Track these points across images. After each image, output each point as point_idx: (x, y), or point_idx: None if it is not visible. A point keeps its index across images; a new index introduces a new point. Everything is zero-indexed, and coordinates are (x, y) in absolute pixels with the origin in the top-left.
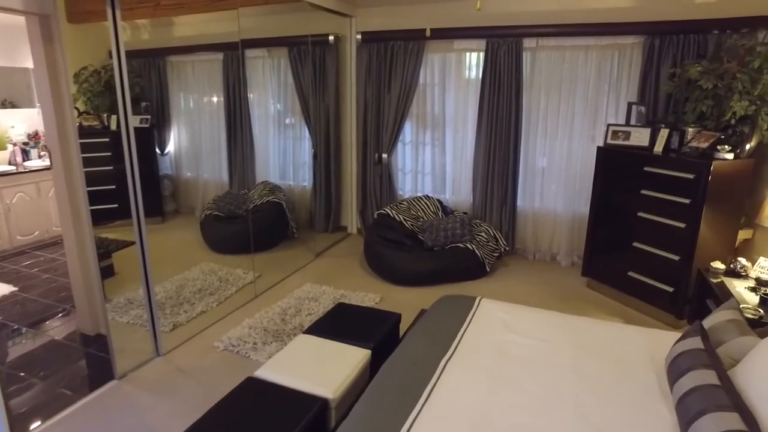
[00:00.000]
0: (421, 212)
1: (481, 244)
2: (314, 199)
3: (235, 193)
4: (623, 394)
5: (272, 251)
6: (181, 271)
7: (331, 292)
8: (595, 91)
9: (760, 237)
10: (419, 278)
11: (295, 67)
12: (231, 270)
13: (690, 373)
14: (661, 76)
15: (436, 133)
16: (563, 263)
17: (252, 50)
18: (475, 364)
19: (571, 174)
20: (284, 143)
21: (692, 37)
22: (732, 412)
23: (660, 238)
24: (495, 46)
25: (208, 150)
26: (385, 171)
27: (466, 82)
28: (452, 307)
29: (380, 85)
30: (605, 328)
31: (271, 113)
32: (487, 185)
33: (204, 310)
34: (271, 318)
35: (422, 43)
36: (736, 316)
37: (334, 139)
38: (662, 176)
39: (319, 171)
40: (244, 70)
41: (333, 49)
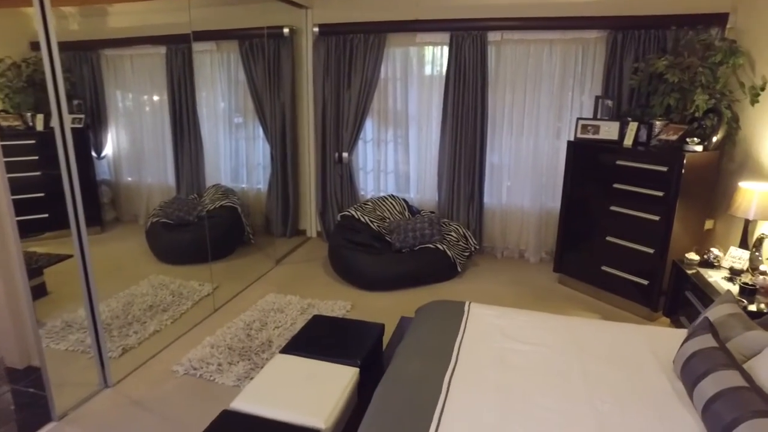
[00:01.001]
0: (387, 213)
1: (452, 244)
2: (270, 203)
3: (184, 198)
4: (640, 401)
5: (228, 260)
6: (127, 286)
7: (297, 302)
8: (560, 86)
9: (720, 227)
10: (390, 282)
11: (246, 62)
12: (184, 282)
13: (711, 376)
14: (625, 71)
15: (399, 131)
16: (532, 260)
17: (199, 44)
18: (481, 378)
19: (538, 169)
20: (236, 144)
21: (653, 32)
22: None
23: (634, 231)
24: (459, 39)
25: (151, 152)
26: (346, 171)
27: (430, 77)
28: (441, 314)
29: (339, 81)
30: (601, 328)
31: (220, 112)
32: (453, 183)
33: (157, 330)
34: (234, 334)
35: (383, 37)
36: (736, 309)
37: (290, 139)
38: (635, 169)
39: (275, 172)
40: (192, 65)
41: (288, 43)
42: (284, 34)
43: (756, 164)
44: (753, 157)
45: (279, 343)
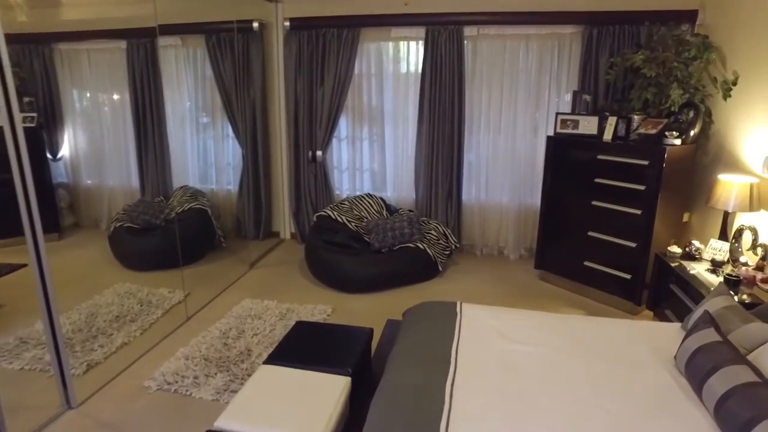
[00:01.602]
0: (365, 212)
1: (432, 243)
2: (242, 204)
3: (150, 201)
4: (648, 400)
5: (199, 265)
6: (90, 296)
7: (275, 307)
8: (536, 81)
9: (696, 219)
10: (370, 283)
11: (214, 57)
12: (153, 290)
13: (720, 372)
14: (600, 66)
15: (374, 128)
16: (511, 257)
17: (162, 38)
18: (484, 385)
19: (516, 165)
20: (204, 143)
21: (627, 27)
22: None
23: (615, 225)
24: (435, 34)
25: (112, 153)
26: (320, 169)
27: (406, 73)
28: (433, 316)
29: (312, 77)
30: (597, 325)
31: (187, 110)
32: (431, 180)
33: (126, 342)
34: (210, 344)
35: (357, 32)
36: (731, 301)
37: (261, 137)
38: (616, 164)
39: (246, 172)
40: (157, 60)
41: (257, 38)
42: (254, 29)
43: (730, 157)
44: (727, 149)
45: (258, 351)
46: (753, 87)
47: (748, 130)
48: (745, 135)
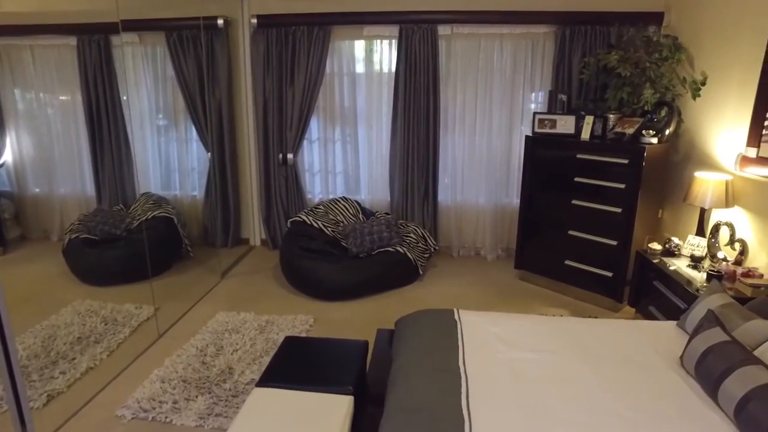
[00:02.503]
0: (341, 216)
1: (412, 246)
2: (208, 210)
3: (108, 209)
4: (663, 404)
5: (166, 276)
6: (46, 316)
7: (253, 320)
8: (511, 80)
9: (668, 216)
10: (351, 290)
11: (175, 56)
12: (117, 306)
13: (735, 374)
14: (574, 65)
15: (347, 129)
16: (489, 257)
17: (118, 36)
18: (499, 398)
19: (492, 165)
20: (166, 147)
21: (598, 28)
22: None
23: (596, 224)
24: (409, 32)
25: (63, 159)
26: (291, 173)
27: (379, 72)
28: (431, 326)
29: (281, 77)
30: (596, 327)
31: (146, 112)
32: (407, 182)
33: (91, 366)
34: (187, 363)
35: (328, 30)
36: (727, 299)
37: (228, 140)
38: (596, 162)
39: (213, 177)
40: (111, 58)
41: (222, 35)
42: (218, 26)
43: (700, 155)
44: (698, 147)
45: (241, 369)
46: (721, 87)
47: (718, 128)
48: (715, 133)
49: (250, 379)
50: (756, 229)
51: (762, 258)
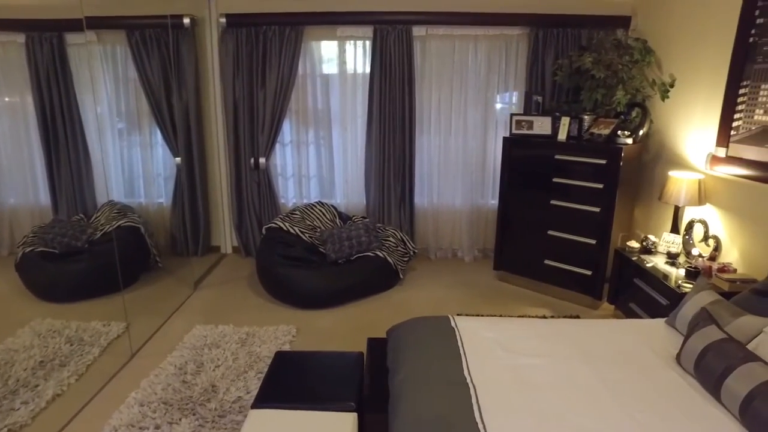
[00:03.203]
0: (318, 221)
1: (391, 250)
2: (176, 218)
3: (66, 220)
4: (670, 404)
5: (134, 289)
6: (1, 339)
7: (232, 333)
8: (485, 81)
9: (639, 213)
10: (332, 298)
11: (138, 56)
12: (83, 324)
13: (736, 372)
14: (547, 67)
15: (320, 131)
16: (466, 259)
17: (75, 34)
18: (510, 406)
19: (468, 166)
20: (129, 152)
21: (569, 30)
22: None
23: (575, 223)
24: (384, 33)
25: (12, 166)
26: (264, 177)
27: (353, 73)
28: (428, 334)
29: (252, 78)
30: (588, 328)
31: (107, 116)
32: (383, 185)
33: (59, 393)
34: (166, 383)
35: (300, 30)
36: (714, 296)
37: (197, 144)
38: (574, 163)
39: (180, 183)
40: (66, 58)
41: (189, 35)
42: (184, 25)
43: (670, 154)
44: (667, 147)
45: (225, 386)
46: (690, 89)
47: (688, 129)
48: (685, 134)
49: (236, 397)
50: (727, 225)
51: (734, 253)
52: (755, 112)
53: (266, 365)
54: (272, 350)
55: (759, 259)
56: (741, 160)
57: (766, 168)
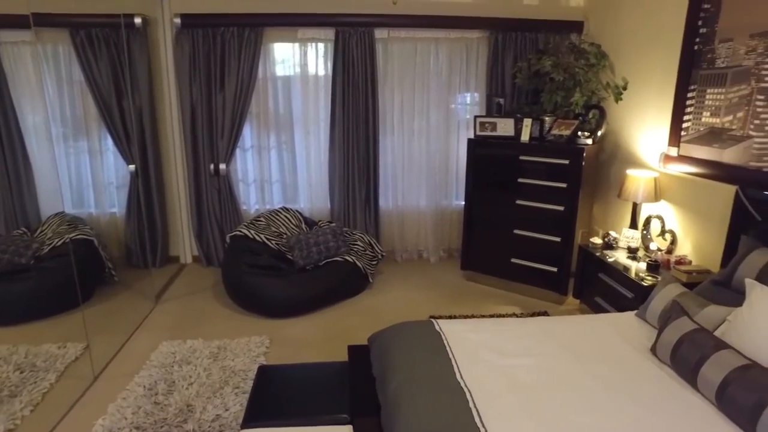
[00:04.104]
0: (284, 227)
1: (360, 254)
2: (131, 228)
3: (7, 234)
4: (656, 397)
5: (90, 306)
6: None
7: (203, 347)
8: (447, 83)
9: (598, 210)
10: (303, 305)
11: (84, 57)
12: (33, 348)
13: (710, 361)
14: (506, 69)
15: (282, 135)
16: (432, 260)
17: (8, 32)
18: (508, 409)
19: (431, 167)
20: (76, 160)
21: (527, 35)
22: None
23: (540, 222)
24: (345, 35)
25: None
26: (224, 184)
27: (315, 75)
28: (415, 341)
29: (210, 81)
30: (569, 325)
31: (50, 121)
32: (347, 188)
33: (11, 428)
34: (136, 406)
35: (260, 31)
36: (681, 288)
37: (152, 150)
38: (538, 163)
39: (134, 191)
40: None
41: (141, 35)
42: (135, 25)
43: (626, 153)
44: (622, 147)
45: (201, 405)
46: (642, 92)
47: (641, 129)
48: (639, 134)
49: (214, 416)
50: (680, 220)
51: (687, 246)
52: (703, 114)
53: (242, 379)
54: (247, 363)
55: (710, 250)
56: (691, 159)
57: (713, 166)
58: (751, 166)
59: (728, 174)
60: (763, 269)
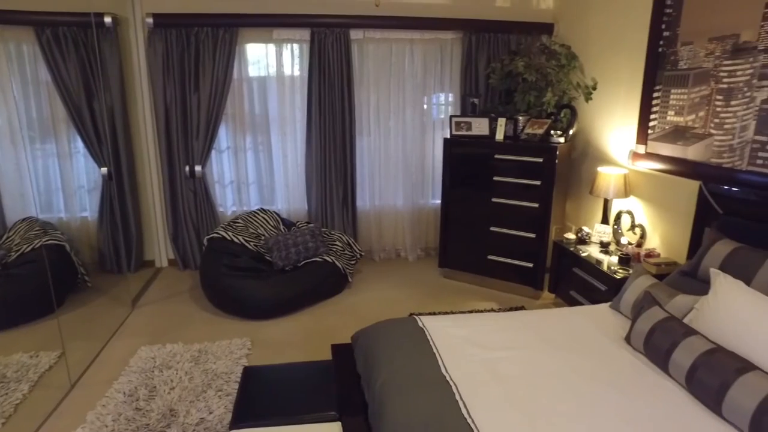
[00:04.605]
0: (262, 229)
1: (339, 254)
2: (103, 233)
3: None
4: (630, 383)
5: (63, 313)
6: None
7: (183, 351)
8: (422, 84)
9: (570, 207)
10: (284, 306)
11: (51, 57)
12: (4, 358)
13: (680, 347)
14: (480, 70)
15: (259, 136)
16: (410, 258)
17: None
18: (493, 400)
19: (408, 166)
20: (44, 163)
21: (500, 36)
22: (751, 370)
23: (516, 219)
24: (321, 36)
25: None
26: (200, 186)
27: (291, 76)
28: (400, 338)
29: (184, 82)
30: (547, 318)
31: (14, 122)
32: (324, 189)
33: None
34: (117, 413)
35: (235, 32)
36: (652, 279)
37: (125, 153)
38: (513, 162)
39: (108, 195)
40: None
41: (111, 35)
42: (106, 24)
43: (595, 151)
44: (592, 145)
45: (185, 409)
46: (611, 92)
47: (610, 128)
48: (608, 132)
49: (198, 419)
50: (649, 214)
51: (656, 239)
52: (668, 114)
53: (225, 382)
54: (229, 366)
55: (677, 243)
56: (658, 156)
57: (678, 163)
58: (713, 162)
59: (692, 170)
60: (726, 259)
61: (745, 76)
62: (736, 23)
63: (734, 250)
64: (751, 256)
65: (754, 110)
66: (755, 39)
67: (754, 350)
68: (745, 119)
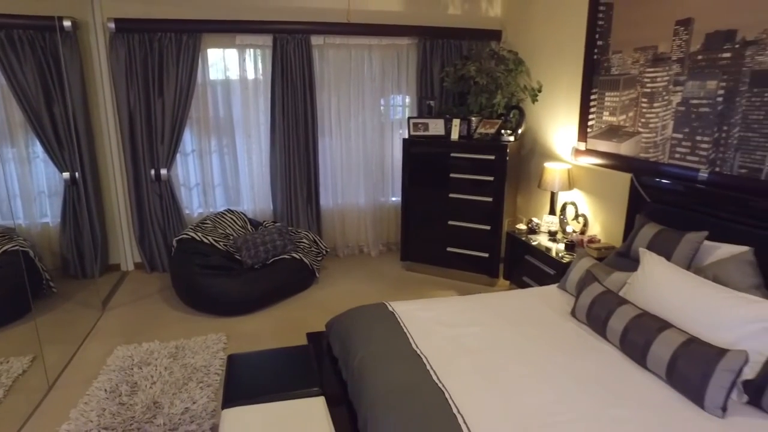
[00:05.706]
0: (230, 229)
1: (306, 251)
2: (66, 238)
3: None
4: (577, 349)
5: (28, 320)
6: None
7: (160, 349)
8: (380, 87)
9: (520, 200)
10: (255, 302)
11: (6, 59)
12: None
13: (614, 314)
14: (435, 74)
15: (223, 139)
16: (373, 253)
17: None
18: (458, 368)
19: (368, 166)
20: (2, 168)
21: (452, 42)
22: (669, 328)
23: (471, 213)
24: (283, 42)
25: None
26: (166, 189)
27: (254, 80)
28: (373, 321)
29: (148, 87)
30: (504, 299)
31: None
32: (289, 189)
33: None
34: (101, 409)
35: (198, 37)
36: (592, 261)
37: (88, 157)
38: (468, 160)
39: (69, 199)
40: None
41: (72, 40)
42: (65, 28)
43: (542, 148)
44: (539, 142)
45: (169, 401)
46: (554, 94)
47: (555, 127)
48: (553, 131)
49: (183, 409)
50: (590, 205)
51: (597, 227)
52: (603, 114)
53: (205, 374)
54: (207, 359)
55: (614, 229)
56: (596, 152)
57: (613, 158)
58: (641, 156)
59: (625, 164)
60: (652, 240)
61: (663, 82)
62: (654, 36)
63: (658, 232)
64: (671, 237)
65: (671, 111)
66: (669, 50)
67: (671, 312)
68: (665, 119)
